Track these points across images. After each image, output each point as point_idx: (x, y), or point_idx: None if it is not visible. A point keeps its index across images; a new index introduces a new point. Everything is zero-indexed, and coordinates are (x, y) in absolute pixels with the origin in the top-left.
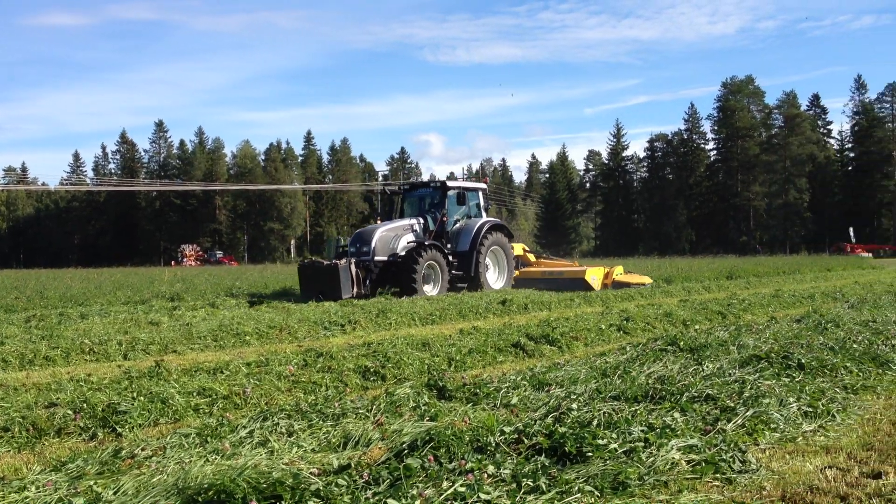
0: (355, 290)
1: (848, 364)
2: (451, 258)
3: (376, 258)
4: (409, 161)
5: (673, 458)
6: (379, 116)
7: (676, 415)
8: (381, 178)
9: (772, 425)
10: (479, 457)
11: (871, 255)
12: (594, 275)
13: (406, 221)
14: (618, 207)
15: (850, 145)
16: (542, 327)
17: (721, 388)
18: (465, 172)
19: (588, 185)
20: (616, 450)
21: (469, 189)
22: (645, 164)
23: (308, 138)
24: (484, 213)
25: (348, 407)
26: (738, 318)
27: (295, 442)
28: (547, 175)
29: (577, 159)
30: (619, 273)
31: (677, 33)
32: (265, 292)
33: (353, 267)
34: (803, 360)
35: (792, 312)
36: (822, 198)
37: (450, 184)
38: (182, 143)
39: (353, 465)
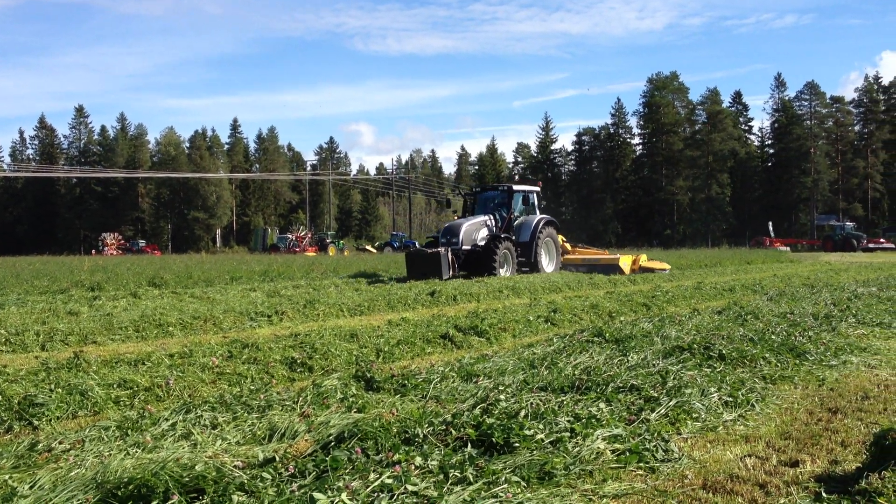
0: (451, 272)
1: (767, 355)
2: (516, 247)
3: (463, 247)
4: (338, 151)
5: (598, 447)
6: (308, 105)
7: (602, 405)
8: (309, 168)
9: (694, 415)
10: (407, 448)
11: (789, 248)
12: (625, 261)
13: (482, 218)
14: (546, 200)
15: (769, 142)
16: (471, 319)
17: (645, 379)
18: (395, 163)
19: (517, 177)
20: (543, 440)
21: (528, 191)
22: (573, 157)
23: (234, 126)
24: (538, 211)
25: (274, 399)
26: (662, 310)
27: (219, 435)
28: (476, 167)
29: (507, 152)
30: (644, 260)
31: (606, 28)
32: (188, 283)
33: (449, 254)
34: (724, 351)
35: (713, 304)
36: (743, 193)
37: (515, 187)
38: (103, 129)
39: (278, 457)
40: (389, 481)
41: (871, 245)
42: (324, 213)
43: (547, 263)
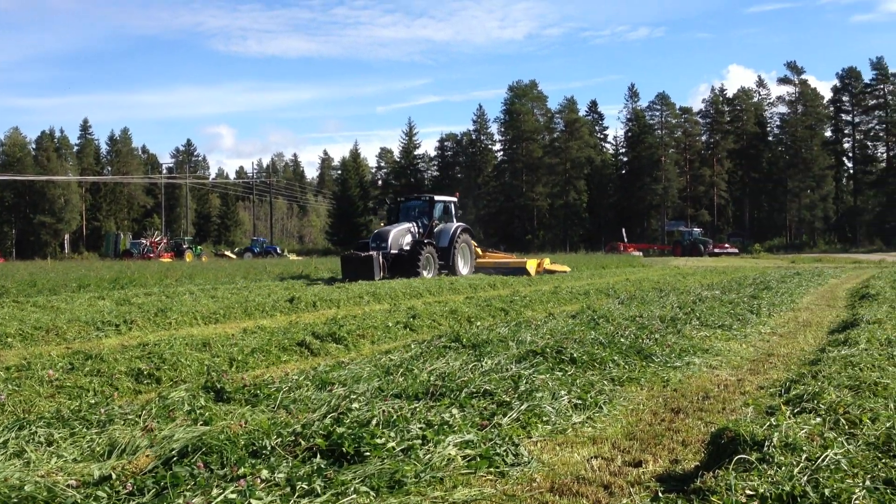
0: (382, 273)
1: (616, 357)
2: (437, 252)
3: (391, 251)
4: (196, 154)
5: (449, 454)
6: (164, 106)
7: (455, 411)
8: (165, 171)
9: (544, 418)
10: (254, 461)
11: (641, 253)
12: (531, 264)
13: (406, 225)
14: None
15: (623, 150)
16: (330, 325)
17: (498, 384)
18: (256, 166)
19: (380, 182)
20: (394, 448)
21: (447, 201)
22: (436, 162)
23: (84, 127)
24: (454, 219)
25: (116, 413)
26: (520, 315)
27: (55, 452)
28: (339, 172)
29: (370, 156)
30: (547, 263)
31: (469, 36)
32: (31, 292)
33: (380, 257)
34: (575, 355)
35: (568, 308)
36: (599, 199)
37: (436, 198)
38: None
39: (115, 475)
40: (233, 496)
41: (716, 250)
42: (181, 218)
43: (462, 266)
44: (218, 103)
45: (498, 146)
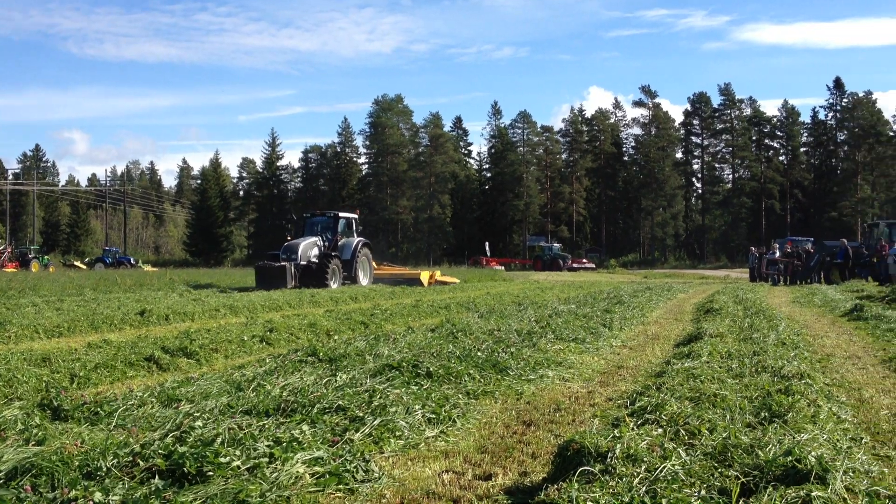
0: (293, 283)
1: (472, 371)
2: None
3: (301, 263)
4: (45, 159)
5: (298, 471)
6: (11, 109)
7: (305, 427)
8: (11, 176)
9: (398, 433)
10: (87, 483)
11: (503, 268)
12: (425, 276)
13: (314, 239)
14: (271, 217)
15: (487, 166)
16: (181, 339)
17: (352, 399)
18: (110, 174)
19: (242, 193)
20: (239, 467)
21: (349, 218)
22: (300, 174)
23: None
24: (355, 234)
25: None
26: (380, 328)
27: None
28: (199, 181)
29: (232, 166)
30: (439, 275)
31: (336, 47)
32: None
33: (292, 268)
34: (432, 368)
35: (428, 322)
36: (463, 213)
37: (340, 214)
38: None
39: None
40: None
41: (574, 265)
42: (27, 226)
43: (363, 277)
44: (71, 108)
45: (363, 159)
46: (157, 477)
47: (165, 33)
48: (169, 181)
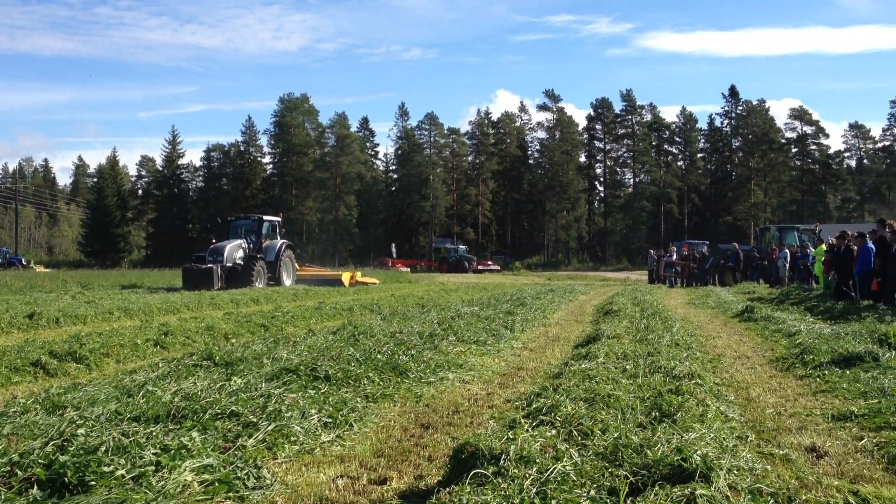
0: (220, 284)
1: (371, 374)
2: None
3: (227, 264)
4: None
5: (185, 480)
6: None
7: (195, 434)
8: None
9: (292, 438)
10: None
11: (409, 269)
12: (346, 277)
13: (238, 241)
14: (171, 216)
15: (394, 167)
16: (71, 343)
17: (246, 404)
18: (0, 171)
19: (140, 192)
20: (124, 476)
21: (273, 221)
22: (201, 173)
23: None
24: (279, 236)
25: None
26: (280, 331)
27: None
28: (95, 179)
29: (130, 164)
30: (359, 276)
31: (241, 44)
32: None
33: (219, 269)
34: (330, 372)
35: (330, 324)
36: (369, 215)
37: (264, 218)
38: None
39: None
40: None
41: (480, 267)
42: None
43: (287, 278)
44: None
45: (268, 159)
46: (35, 487)
47: (62, 26)
48: (64, 179)
